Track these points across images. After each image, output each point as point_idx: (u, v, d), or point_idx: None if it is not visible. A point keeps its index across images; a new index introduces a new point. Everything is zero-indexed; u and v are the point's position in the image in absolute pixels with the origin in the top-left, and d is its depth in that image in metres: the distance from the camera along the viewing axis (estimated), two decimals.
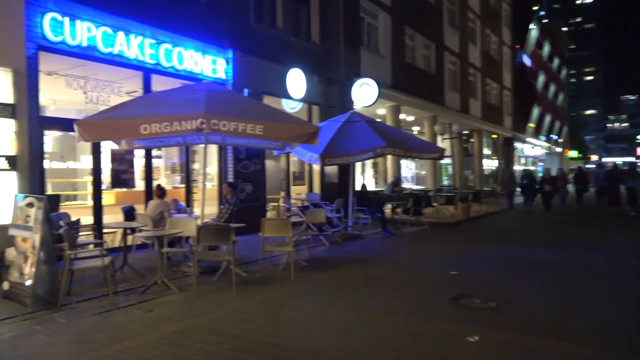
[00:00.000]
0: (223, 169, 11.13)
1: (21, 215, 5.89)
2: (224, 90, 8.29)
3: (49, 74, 8.53)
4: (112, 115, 6.35)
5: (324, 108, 14.30)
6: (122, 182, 9.22)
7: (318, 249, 9.59)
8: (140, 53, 9.05)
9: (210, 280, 6.84)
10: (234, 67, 11.11)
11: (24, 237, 5.78)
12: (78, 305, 5.68)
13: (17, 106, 6.83)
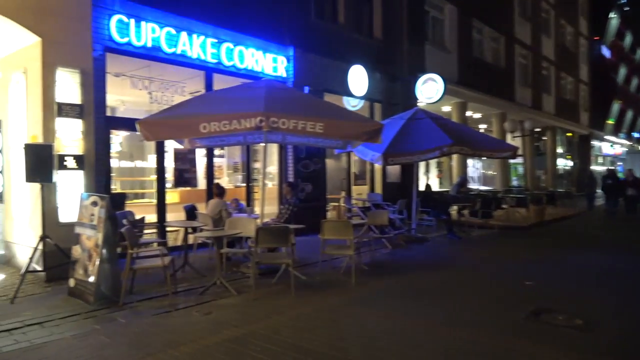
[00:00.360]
0: (283, 168, 10.99)
1: (86, 213, 5.97)
2: (283, 88, 8.11)
3: (117, 75, 8.73)
4: (172, 114, 6.31)
5: (386, 105, 13.83)
6: (185, 181, 9.29)
7: (380, 252, 9.19)
8: (202, 52, 9.07)
9: (269, 283, 6.65)
10: (295, 64, 10.94)
11: (88, 236, 5.86)
12: (139, 304, 5.67)
13: (84, 106, 6.98)
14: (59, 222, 6.67)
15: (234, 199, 9.35)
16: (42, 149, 6.22)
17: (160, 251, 6.16)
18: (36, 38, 6.60)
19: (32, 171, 6.14)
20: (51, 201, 6.61)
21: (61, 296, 5.93)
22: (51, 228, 6.45)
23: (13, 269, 7.18)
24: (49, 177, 6.23)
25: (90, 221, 5.87)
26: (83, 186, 6.95)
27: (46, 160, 6.19)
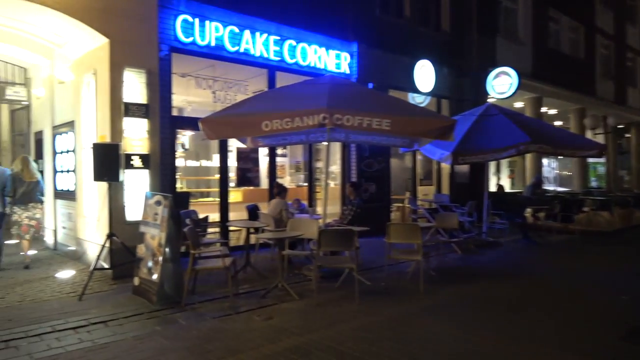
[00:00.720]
0: (346, 167, 10.69)
1: (150, 212, 5.98)
2: (348, 83, 7.79)
3: (183, 75, 8.82)
4: (234, 112, 6.19)
5: (454, 102, 13.15)
6: (248, 180, 9.24)
7: (449, 257, 8.65)
8: (264, 50, 8.96)
9: (332, 287, 6.37)
10: (358, 60, 10.60)
11: (152, 235, 5.85)
12: (200, 305, 5.58)
13: (150, 106, 7.04)
14: (125, 221, 6.76)
15: (295, 199, 9.18)
16: (110, 148, 6.31)
17: (222, 252, 6.05)
18: (104, 39, 6.72)
19: (100, 170, 6.24)
20: (118, 200, 6.71)
21: (126, 294, 5.97)
22: (118, 226, 6.54)
23: (83, 265, 7.39)
24: (116, 176, 6.31)
25: (154, 220, 5.86)
26: (148, 185, 7.01)
27: (113, 159, 6.27)
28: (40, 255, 8.47)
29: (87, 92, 7.38)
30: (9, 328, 4.74)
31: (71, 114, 8.06)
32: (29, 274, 6.98)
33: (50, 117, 9.07)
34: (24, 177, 7.41)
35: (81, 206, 7.64)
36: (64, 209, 8.54)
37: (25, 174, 7.43)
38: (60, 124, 8.61)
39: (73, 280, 6.65)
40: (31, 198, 7.50)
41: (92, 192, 7.25)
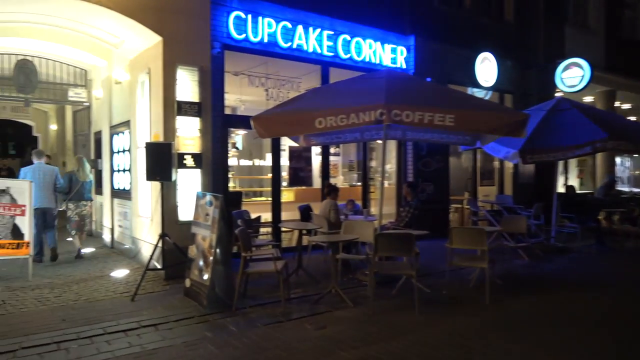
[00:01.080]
0: (402, 166, 10.23)
1: (202, 213, 5.84)
2: (406, 77, 7.37)
3: (236, 74, 8.70)
4: (286, 109, 5.94)
5: (519, 97, 12.34)
6: (300, 179, 9.00)
7: (515, 264, 8.02)
8: (318, 46, 8.68)
9: (388, 294, 5.99)
10: (415, 54, 10.10)
11: (203, 236, 5.71)
12: (251, 310, 5.37)
13: (203, 104, 6.93)
14: (178, 221, 6.69)
15: (349, 200, 8.83)
16: (162, 147, 6.23)
17: (274, 255, 5.82)
18: (157, 38, 6.67)
19: (152, 170, 6.18)
20: (170, 200, 6.64)
21: (178, 296, 5.86)
22: (170, 226, 6.47)
23: (138, 264, 7.40)
24: (168, 176, 6.23)
25: (205, 221, 5.72)
26: (200, 185, 6.91)
27: (166, 158, 6.19)
28: (98, 253, 8.62)
29: (142, 91, 7.39)
30: (63, 329, 4.71)
31: (127, 113, 8.13)
32: (85, 273, 7.07)
33: (108, 117, 9.24)
34: (79, 177, 7.98)
35: (136, 205, 7.68)
36: (120, 208, 8.65)
37: (80, 174, 8.00)
38: (117, 124, 8.73)
39: (127, 279, 6.65)
40: (82, 196, 8.01)
41: (146, 192, 7.25)
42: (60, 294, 5.94)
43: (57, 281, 6.57)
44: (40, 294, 5.91)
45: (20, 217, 6.68)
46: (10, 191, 6.67)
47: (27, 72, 9.79)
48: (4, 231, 6.57)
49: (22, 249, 6.64)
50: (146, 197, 7.26)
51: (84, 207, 8.05)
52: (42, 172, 7.58)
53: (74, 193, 7.87)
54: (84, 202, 8.05)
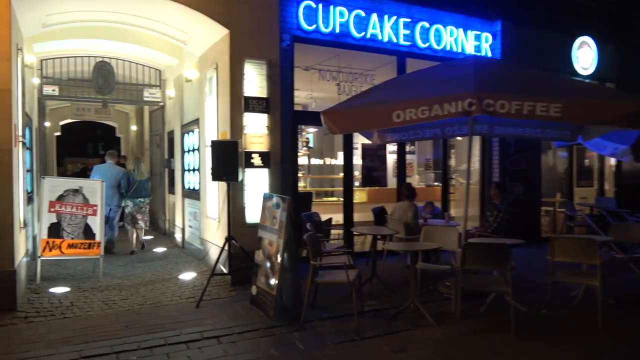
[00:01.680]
0: (487, 165, 9.29)
1: (268, 215, 5.43)
2: (497, 63, 6.56)
3: (306, 68, 8.28)
4: (360, 103, 5.37)
5: (622, 85, 10.85)
6: (374, 179, 8.39)
7: (625, 279, 6.88)
8: (394, 35, 8.02)
9: (476, 311, 5.25)
10: (502, 41, 9.11)
11: (270, 240, 5.29)
12: (320, 324, 4.87)
13: (271, 100, 6.54)
14: (245, 223, 6.35)
15: (428, 202, 8.08)
16: (228, 146, 5.91)
17: (346, 263, 5.27)
18: (224, 30, 6.37)
19: (218, 169, 5.87)
20: (237, 201, 6.31)
21: (244, 303, 5.50)
22: (237, 229, 6.14)
23: (205, 266, 7.18)
24: (235, 176, 5.89)
25: (272, 224, 5.30)
26: (268, 185, 6.52)
27: (232, 157, 5.86)
28: (169, 253, 8.56)
29: (210, 88, 7.15)
30: (124, 337, 4.48)
31: (196, 112, 7.96)
32: (154, 274, 6.95)
33: (179, 116, 9.18)
34: (136, 176, 8.42)
35: (205, 206, 7.47)
36: (190, 208, 8.53)
37: (137, 173, 8.44)
38: (188, 123, 8.62)
39: (194, 283, 6.41)
40: (139, 194, 8.45)
41: (214, 192, 7.00)
42: (127, 297, 5.79)
43: (126, 282, 6.47)
44: (108, 296, 5.79)
45: (92, 217, 6.67)
46: (83, 191, 6.68)
47: (104, 74, 9.99)
48: (76, 230, 6.57)
49: (93, 249, 6.62)
50: (213, 197, 7.02)
51: (141, 204, 8.46)
52: (110, 172, 8.31)
53: (131, 191, 8.34)
54: (141, 199, 8.45)
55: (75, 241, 6.52)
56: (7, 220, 5.07)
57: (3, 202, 5.05)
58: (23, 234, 5.92)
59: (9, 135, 5.09)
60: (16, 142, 5.39)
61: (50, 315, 5.09)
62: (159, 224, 10.96)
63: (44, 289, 6.00)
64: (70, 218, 6.53)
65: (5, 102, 5.06)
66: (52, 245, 6.37)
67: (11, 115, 5.11)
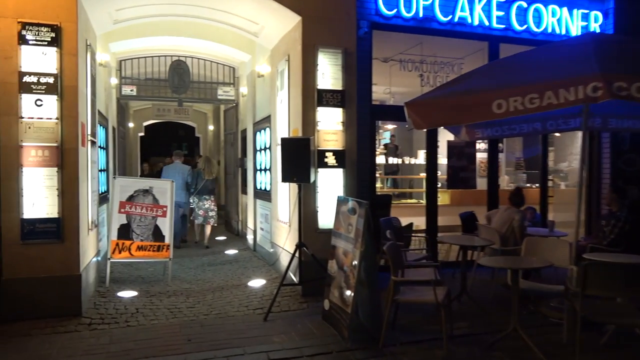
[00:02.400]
0: (595, 165, 8.03)
1: (343, 221, 4.82)
2: (621, 39, 5.45)
3: (385, 60, 7.59)
4: (451, 92, 4.59)
5: None
6: (461, 180, 7.49)
7: None
8: (485, 17, 7.09)
9: (595, 344, 4.29)
10: (615, 21, 7.81)
11: (345, 250, 4.68)
12: (402, 350, 4.19)
13: (347, 93, 5.93)
14: (317, 228, 5.79)
15: (528, 207, 7.05)
16: (299, 143, 5.37)
17: (433, 279, 4.54)
18: (297, 18, 5.85)
19: (288, 169, 5.36)
20: (309, 204, 5.77)
21: (315, 318, 4.95)
22: (308, 235, 5.61)
23: (276, 273, 6.73)
24: (306, 177, 5.35)
25: (347, 232, 4.69)
26: (343, 187, 5.92)
27: (304, 156, 5.32)
28: (240, 255, 8.24)
29: (281, 82, 6.68)
30: (186, 353, 4.10)
31: (268, 108, 7.56)
32: (223, 279, 6.61)
33: (252, 114, 8.86)
34: (204, 175, 8.83)
35: (275, 208, 7.03)
36: (261, 209, 8.15)
37: (206, 172, 8.84)
38: (259, 120, 8.26)
39: (263, 291, 5.96)
40: (206, 191, 8.84)
41: (284, 194, 6.52)
42: (193, 304, 5.46)
43: (194, 288, 6.17)
44: (174, 303, 5.49)
45: (161, 218, 6.45)
46: (153, 191, 6.48)
47: (180, 73, 9.95)
48: (146, 232, 6.37)
49: (162, 252, 6.38)
50: (284, 199, 6.54)
51: (205, 201, 8.82)
52: (178, 171, 8.86)
53: (199, 189, 8.80)
54: (206, 196, 8.82)
55: (144, 243, 6.32)
56: (73, 222, 4.88)
57: (70, 203, 4.87)
58: (92, 235, 5.79)
59: (75, 134, 4.90)
60: (84, 141, 5.22)
61: (114, 322, 4.84)
62: (232, 225, 10.77)
63: (112, 292, 5.83)
64: (140, 219, 6.35)
65: (71, 99, 4.88)
66: (122, 247, 6.21)
67: (78, 113, 4.92)
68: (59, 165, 4.83)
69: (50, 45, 4.79)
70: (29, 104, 4.75)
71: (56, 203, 4.82)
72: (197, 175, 8.86)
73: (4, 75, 4.70)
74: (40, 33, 4.75)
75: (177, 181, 7.92)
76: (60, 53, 4.83)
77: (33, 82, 4.75)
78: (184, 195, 8.77)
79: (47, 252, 4.81)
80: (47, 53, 4.79)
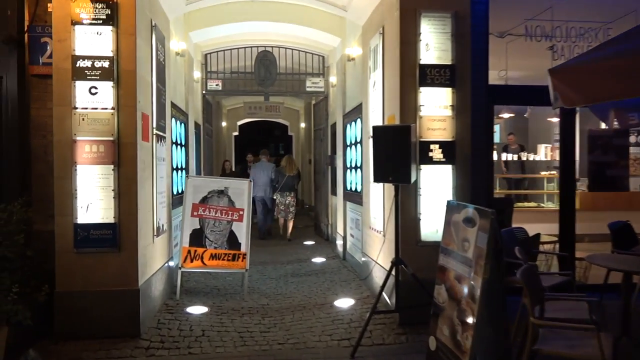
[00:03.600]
0: None
1: (456, 235, 3.60)
2: None
3: (500, 35, 6.17)
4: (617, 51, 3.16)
5: None
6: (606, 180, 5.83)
7: None
8: None
9: None
10: None
11: (459, 274, 3.47)
12: None
13: (457, 69, 4.66)
14: (419, 241, 4.60)
15: None
16: (397, 133, 4.22)
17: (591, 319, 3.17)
18: None
19: (382, 167, 4.24)
20: (409, 210, 4.59)
21: (416, 358, 3.80)
22: (408, 248, 4.47)
23: (368, 291, 5.65)
24: (405, 175, 4.19)
25: (462, 250, 3.47)
26: (452, 189, 4.67)
27: (402, 149, 4.17)
28: (327, 265, 7.28)
29: (374, 62, 5.57)
30: None
31: (359, 96, 6.50)
32: (307, 295, 5.66)
33: (341, 105, 7.87)
34: (286, 172, 9.40)
35: (367, 213, 5.94)
36: (352, 213, 7.12)
37: (287, 169, 9.43)
38: (350, 111, 7.24)
39: (351, 315, 4.90)
40: (287, 188, 9.40)
41: (378, 196, 5.40)
42: (268, 328, 4.57)
43: (272, 305, 5.30)
44: (246, 325, 4.64)
45: (237, 222, 5.66)
46: (229, 192, 5.71)
47: (267, 64, 9.28)
48: (220, 239, 5.62)
49: (238, 262, 5.59)
50: (377, 203, 5.42)
51: (286, 197, 9.40)
52: (264, 168, 9.56)
53: (281, 185, 9.33)
54: (287, 192, 9.39)
55: (218, 251, 5.57)
56: (131, 228, 4.21)
57: (127, 207, 4.20)
58: (161, 242, 5.14)
59: (133, 126, 4.22)
60: (146, 135, 4.55)
61: (174, 348, 4.09)
62: (322, 228, 9.87)
63: (181, 306, 5.14)
64: (214, 224, 5.62)
65: (129, 86, 4.21)
66: (194, 255, 5.51)
67: (136, 102, 4.24)
68: (115, 163, 4.18)
69: (105, 24, 4.15)
70: (83, 92, 4.15)
71: (112, 206, 4.18)
72: (278, 173, 9.45)
73: (58, 61, 4.14)
74: (95, 10, 4.13)
75: (263, 177, 9.35)
76: (117, 32, 4.17)
77: (87, 66, 4.14)
78: (269, 190, 9.45)
79: (102, 263, 4.19)
80: (102, 33, 4.15)
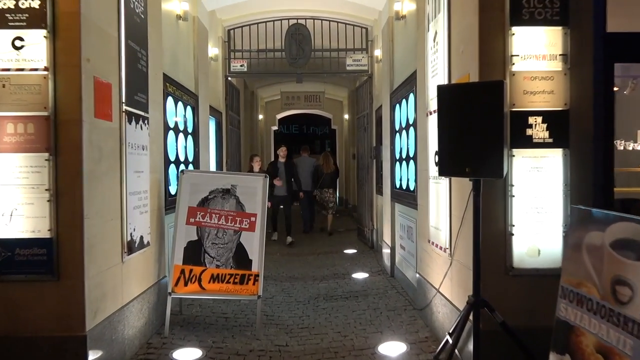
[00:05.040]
0: None
1: (595, 271, 1.99)
2: None
3: None
4: None
5: None
6: None
7: None
8: None
9: None
10: None
11: (607, 347, 1.86)
12: None
13: None
14: (511, 268, 2.97)
15: None
16: (478, 95, 2.64)
17: None
18: None
19: (453, 151, 2.67)
20: (495, 219, 2.97)
21: None
22: (493, 279, 2.87)
23: (427, 328, 4.06)
24: (495, 164, 2.60)
25: (611, 299, 1.86)
26: (562, 186, 3.01)
27: (488, 123, 2.58)
28: (371, 284, 5.73)
29: (433, 13, 3.96)
30: None
31: (411, 63, 4.90)
32: (339, 332, 4.12)
33: (388, 81, 6.28)
34: (323, 169, 9.39)
35: (425, 220, 4.32)
36: (402, 218, 5.52)
37: (325, 167, 9.41)
38: (399, 86, 5.66)
39: None
40: (325, 184, 9.39)
41: (442, 197, 3.79)
42: None
43: (292, 346, 3.82)
44: None
45: (247, 232, 4.22)
46: (237, 192, 4.28)
47: (300, 40, 7.89)
48: (224, 255, 4.19)
49: (247, 286, 4.13)
50: (440, 207, 3.81)
51: (326, 194, 9.41)
52: (307, 163, 9.65)
53: (319, 182, 9.39)
54: (326, 189, 9.41)
55: (221, 271, 4.14)
56: (75, 245, 2.86)
57: (71, 215, 2.86)
58: (139, 261, 3.77)
59: (77, 96, 2.86)
60: (104, 111, 3.18)
61: None
62: (365, 233, 8.32)
63: (167, 349, 3.75)
64: (217, 234, 4.20)
65: (71, 36, 2.85)
66: (189, 275, 4.11)
67: (80, 59, 2.87)
68: (51, 150, 2.83)
69: None
70: (4, 45, 2.83)
71: (46, 213, 2.83)
72: (317, 170, 9.52)
73: None
74: None
75: (306, 172, 9.45)
76: None
77: (7, 8, 2.82)
78: (311, 184, 9.45)
79: (32, 296, 2.86)
80: None
